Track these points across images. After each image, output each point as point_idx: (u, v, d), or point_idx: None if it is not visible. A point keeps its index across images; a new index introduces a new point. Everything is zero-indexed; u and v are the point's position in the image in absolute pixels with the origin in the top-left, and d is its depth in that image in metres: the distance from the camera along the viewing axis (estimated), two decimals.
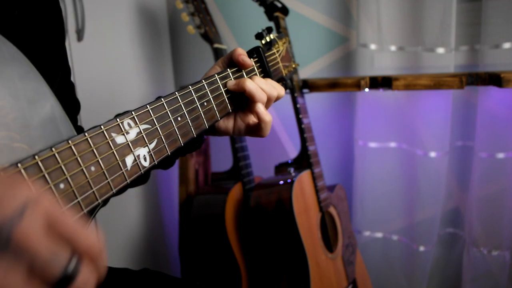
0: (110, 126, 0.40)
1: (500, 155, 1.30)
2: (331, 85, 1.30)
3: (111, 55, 1.30)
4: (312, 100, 1.44)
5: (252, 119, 0.63)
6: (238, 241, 1.28)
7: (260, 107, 0.60)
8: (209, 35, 1.29)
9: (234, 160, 1.34)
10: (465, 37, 1.35)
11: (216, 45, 1.30)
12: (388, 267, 1.51)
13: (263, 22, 1.25)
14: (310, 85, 1.31)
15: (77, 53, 1.12)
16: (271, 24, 1.27)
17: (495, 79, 1.15)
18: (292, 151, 1.58)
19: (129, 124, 0.42)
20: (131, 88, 1.42)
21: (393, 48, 1.39)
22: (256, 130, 0.63)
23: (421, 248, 1.42)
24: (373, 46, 1.37)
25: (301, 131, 1.24)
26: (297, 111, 1.24)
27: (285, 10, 1.26)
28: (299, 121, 1.24)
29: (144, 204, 1.50)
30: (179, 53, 1.65)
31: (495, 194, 1.33)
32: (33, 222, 0.27)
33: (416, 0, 1.32)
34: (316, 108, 1.49)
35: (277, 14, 1.24)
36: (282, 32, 1.21)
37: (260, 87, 0.60)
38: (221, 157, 1.53)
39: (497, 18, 1.23)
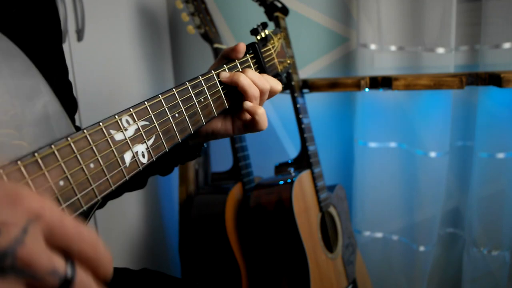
0: (109, 123, 0.40)
1: (500, 155, 1.30)
2: (331, 85, 1.30)
3: (111, 55, 1.30)
4: (312, 100, 1.44)
5: (247, 115, 0.63)
6: (238, 241, 1.28)
7: (247, 104, 0.60)
8: (209, 35, 1.29)
9: (234, 160, 1.34)
10: (465, 37, 1.35)
11: (216, 45, 1.30)
12: (388, 267, 1.51)
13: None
14: (310, 85, 1.31)
15: (77, 53, 1.12)
16: (271, 24, 1.27)
17: (495, 79, 1.15)
18: (292, 151, 1.58)
19: (127, 121, 0.43)
20: (131, 88, 1.42)
21: (393, 48, 1.39)
22: (253, 125, 0.63)
23: (421, 248, 1.42)
24: (373, 46, 1.37)
25: (301, 131, 1.24)
26: (297, 111, 1.24)
27: (285, 10, 1.26)
28: (299, 121, 1.24)
29: (144, 204, 1.50)
30: (179, 53, 1.65)
31: (495, 194, 1.33)
32: (35, 238, 0.27)
33: (416, 0, 1.32)
34: (316, 108, 1.49)
35: (277, 14, 1.24)
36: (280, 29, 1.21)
37: (253, 81, 0.60)
38: (221, 157, 1.53)
39: (497, 18, 1.23)
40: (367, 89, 1.29)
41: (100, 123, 0.39)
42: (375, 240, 1.51)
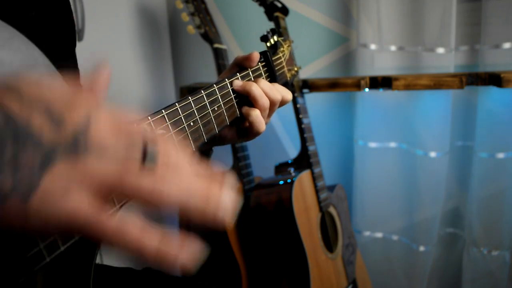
0: None
1: (500, 155, 1.30)
2: (331, 85, 1.30)
3: (111, 55, 1.30)
4: (312, 100, 1.44)
5: (246, 123, 0.62)
6: (238, 241, 1.28)
7: (254, 117, 0.60)
8: (209, 35, 1.29)
9: (234, 160, 1.34)
10: (465, 37, 1.35)
11: (216, 45, 1.30)
12: (388, 267, 1.51)
13: (263, 22, 1.25)
14: (310, 85, 1.31)
15: (77, 53, 1.12)
16: (271, 24, 1.27)
17: (495, 79, 1.15)
18: (292, 151, 1.58)
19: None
20: (131, 88, 1.42)
21: (393, 48, 1.39)
22: (250, 128, 0.63)
23: (421, 248, 1.42)
24: (373, 46, 1.37)
25: (301, 131, 1.24)
26: (297, 111, 1.24)
27: (285, 10, 1.26)
28: (299, 121, 1.24)
29: None
30: (179, 53, 1.65)
31: (495, 194, 1.33)
32: (101, 124, 0.29)
33: (416, 0, 1.32)
34: (316, 108, 1.49)
35: (277, 14, 1.24)
36: (282, 32, 1.21)
37: (265, 91, 0.60)
38: (221, 157, 1.53)
39: (497, 18, 1.23)
40: (367, 89, 1.29)
41: None
42: (375, 240, 1.51)
